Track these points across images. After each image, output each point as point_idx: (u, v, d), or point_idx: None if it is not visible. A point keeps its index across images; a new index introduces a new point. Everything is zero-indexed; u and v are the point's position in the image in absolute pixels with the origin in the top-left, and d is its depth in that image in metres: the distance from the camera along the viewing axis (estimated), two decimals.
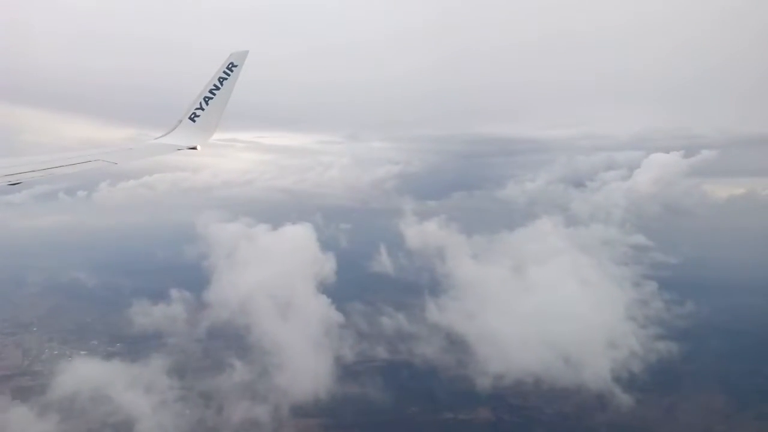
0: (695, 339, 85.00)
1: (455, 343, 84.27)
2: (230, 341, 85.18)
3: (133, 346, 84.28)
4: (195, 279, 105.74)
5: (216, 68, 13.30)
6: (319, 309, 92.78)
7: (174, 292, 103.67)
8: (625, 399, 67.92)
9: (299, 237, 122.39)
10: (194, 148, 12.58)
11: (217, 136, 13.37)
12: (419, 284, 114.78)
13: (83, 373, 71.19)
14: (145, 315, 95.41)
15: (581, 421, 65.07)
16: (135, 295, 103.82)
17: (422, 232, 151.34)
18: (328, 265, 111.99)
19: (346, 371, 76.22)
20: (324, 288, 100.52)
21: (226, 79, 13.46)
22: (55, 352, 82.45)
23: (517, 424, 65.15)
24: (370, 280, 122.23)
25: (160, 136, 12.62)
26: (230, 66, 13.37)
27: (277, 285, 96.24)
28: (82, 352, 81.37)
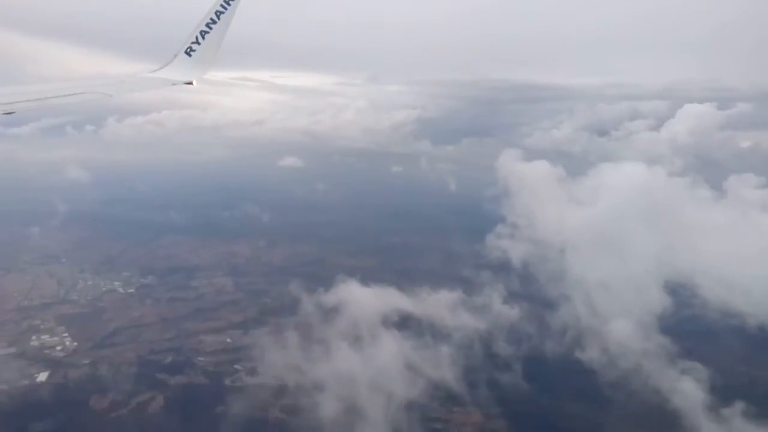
0: None
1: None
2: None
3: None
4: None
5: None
6: None
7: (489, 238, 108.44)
8: None
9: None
10: (190, 83, 12.41)
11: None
12: None
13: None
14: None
15: None
16: None
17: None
18: None
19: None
20: None
21: (224, 12, 13.07)
22: (89, 282, 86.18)
23: None
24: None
25: (156, 70, 12.42)
26: None
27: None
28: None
